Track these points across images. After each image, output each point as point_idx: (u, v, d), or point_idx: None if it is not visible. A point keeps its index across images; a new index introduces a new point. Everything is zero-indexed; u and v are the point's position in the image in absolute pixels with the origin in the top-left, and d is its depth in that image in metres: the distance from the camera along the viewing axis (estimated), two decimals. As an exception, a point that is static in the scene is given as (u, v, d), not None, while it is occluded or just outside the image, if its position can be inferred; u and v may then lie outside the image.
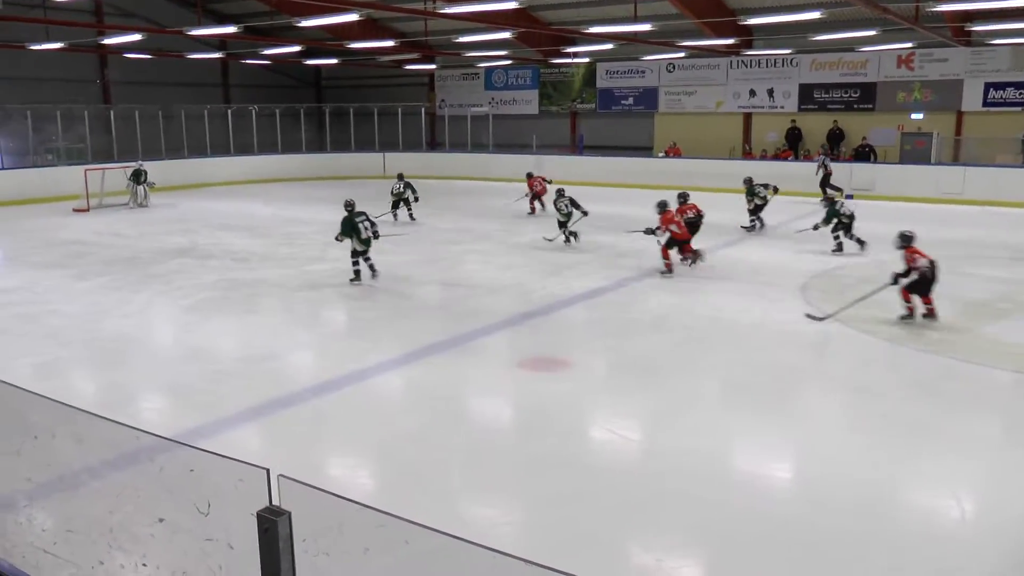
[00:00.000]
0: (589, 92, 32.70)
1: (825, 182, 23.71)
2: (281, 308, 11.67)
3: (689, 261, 13.50)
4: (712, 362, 9.13)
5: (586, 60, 31.82)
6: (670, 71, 30.55)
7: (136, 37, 23.45)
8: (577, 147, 32.69)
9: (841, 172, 24.44)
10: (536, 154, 30.86)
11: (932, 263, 10.51)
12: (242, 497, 2.62)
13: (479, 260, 14.81)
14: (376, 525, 2.43)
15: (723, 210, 20.88)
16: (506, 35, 24.97)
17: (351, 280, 12.75)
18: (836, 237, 15.43)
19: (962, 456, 6.60)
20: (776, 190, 18.22)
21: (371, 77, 37.11)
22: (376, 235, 12.91)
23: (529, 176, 21.66)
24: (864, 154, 26.34)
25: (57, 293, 12.39)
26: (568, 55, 30.45)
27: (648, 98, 31.26)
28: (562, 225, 16.01)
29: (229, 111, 31.62)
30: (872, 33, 22.73)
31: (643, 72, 31.18)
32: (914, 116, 26.46)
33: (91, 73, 30.83)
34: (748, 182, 18.45)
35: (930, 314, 10.53)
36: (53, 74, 28.54)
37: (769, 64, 28.57)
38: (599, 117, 32.65)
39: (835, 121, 27.42)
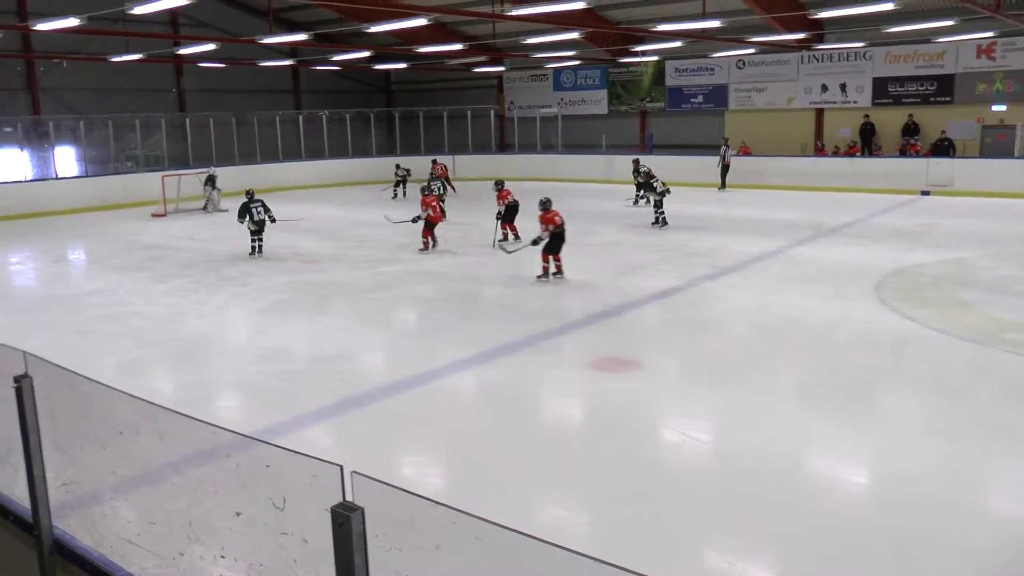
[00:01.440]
0: (658, 91, 32.44)
1: (725, 172, 26.12)
2: (353, 309, 11.83)
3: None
4: (786, 362, 8.98)
5: (655, 58, 31.57)
6: (740, 68, 30.14)
7: (210, 47, 24.01)
8: (646, 146, 32.45)
9: (918, 167, 23.89)
10: (605, 154, 30.76)
11: (562, 224, 12.74)
12: (316, 493, 2.65)
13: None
14: (448, 522, 2.44)
15: (796, 208, 20.57)
16: (574, 35, 24.92)
17: (249, 255, 15.86)
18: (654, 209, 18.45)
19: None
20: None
21: (440, 81, 37.37)
22: (272, 219, 15.96)
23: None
24: (943, 148, 25.58)
25: (138, 295, 12.75)
26: (636, 54, 30.26)
27: (718, 95, 30.89)
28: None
29: (300, 117, 32.19)
30: (950, 23, 22.09)
31: (712, 69, 30.82)
32: (995, 108, 25.60)
33: (167, 83, 31.64)
34: (635, 163, 20.19)
35: (559, 271, 12.91)
36: (132, 84, 29.41)
37: (841, 58, 27.98)
38: (668, 116, 32.37)
39: (910, 115, 26.72)
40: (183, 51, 27.75)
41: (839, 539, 5.18)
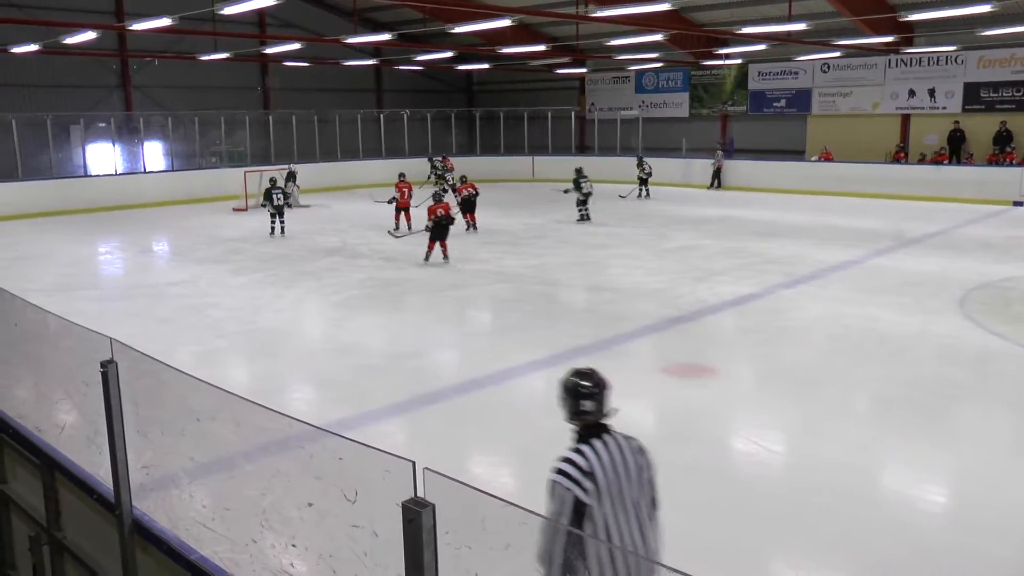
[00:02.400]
0: (740, 94, 31.98)
1: (717, 175, 28.08)
2: (427, 307, 11.91)
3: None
4: (865, 375, 8.75)
5: (738, 61, 31.13)
6: (824, 71, 29.52)
7: (296, 46, 24.45)
8: (727, 150, 32.03)
9: (1010, 176, 23.13)
10: (685, 157, 30.46)
11: (447, 215, 14.62)
12: (388, 487, 2.67)
13: (627, 264, 14.70)
14: (519, 522, 2.43)
15: (879, 216, 20.09)
16: (657, 37, 24.75)
17: (270, 234, 18.18)
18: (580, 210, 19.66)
19: None
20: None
21: (522, 81, 37.43)
22: (290, 205, 18.50)
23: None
24: (1036, 158, 24.70)
25: (217, 287, 13.05)
26: (720, 56, 29.88)
27: (801, 100, 30.31)
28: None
29: (381, 116, 32.58)
30: (1050, 26, 21.30)
31: (796, 73, 30.25)
32: (1097, 116, 24.60)
33: (253, 81, 32.30)
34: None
35: (445, 256, 14.67)
36: (219, 82, 30.10)
37: (931, 62, 27.17)
38: (750, 120, 31.88)
39: (1003, 122, 25.79)
40: (269, 50, 28.30)
41: (913, 560, 5.03)
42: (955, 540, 5.30)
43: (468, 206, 18.83)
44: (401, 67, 33.88)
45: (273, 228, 18.37)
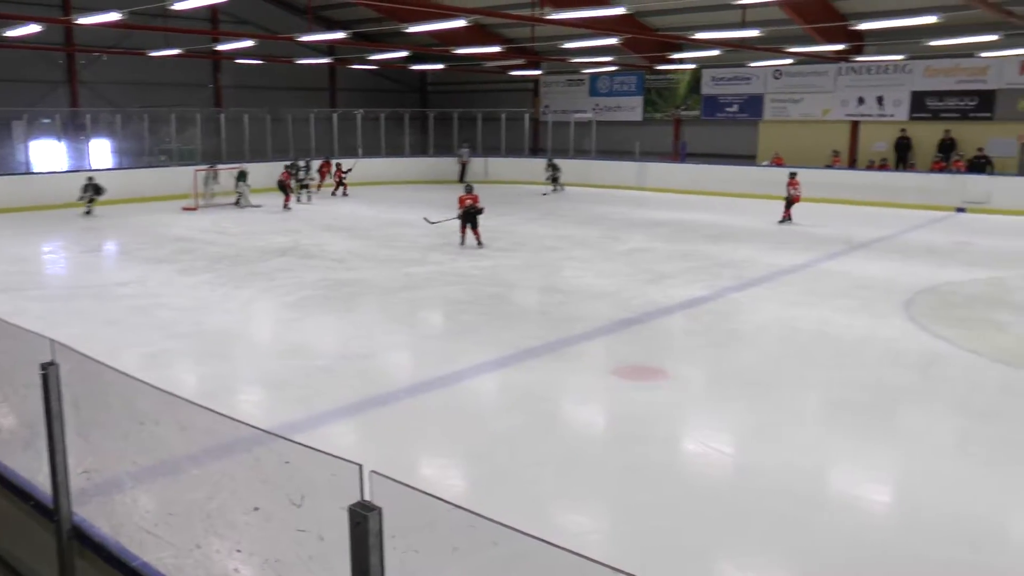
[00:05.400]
0: (694, 99, 32.29)
1: (462, 173, 30.65)
2: (380, 308, 11.84)
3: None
4: (814, 378, 8.87)
5: (692, 66, 31.45)
6: (776, 78, 29.93)
7: (249, 43, 24.22)
8: (679, 154, 32.33)
9: (954, 183, 23.63)
10: (638, 161, 30.67)
11: (473, 204, 16.30)
12: (334, 491, 2.64)
13: (579, 266, 14.76)
14: (466, 525, 2.41)
15: (827, 221, 20.39)
16: (612, 41, 24.88)
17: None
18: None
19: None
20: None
21: (476, 83, 37.43)
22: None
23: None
24: (979, 165, 25.27)
25: (166, 287, 12.84)
26: (674, 61, 30.15)
27: (753, 105, 30.69)
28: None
29: (335, 115, 32.35)
30: (994, 38, 21.81)
31: (749, 79, 30.63)
32: (1036, 125, 25.24)
33: (204, 78, 31.93)
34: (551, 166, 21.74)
35: (479, 242, 16.27)
36: (169, 79, 29.74)
37: (880, 70, 27.67)
38: (703, 124, 32.21)
39: (947, 130, 26.37)
40: (221, 47, 27.99)
41: (860, 561, 5.09)
42: (901, 541, 5.38)
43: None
44: (355, 66, 33.74)
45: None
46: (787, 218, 20.33)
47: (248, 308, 11.83)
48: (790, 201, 20.31)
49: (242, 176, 23.72)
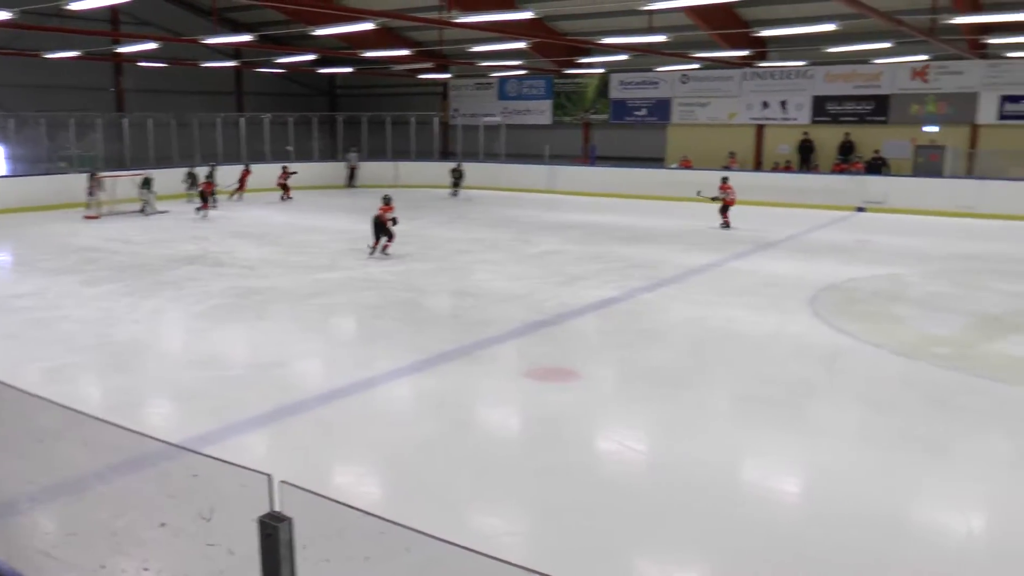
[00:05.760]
0: (602, 103, 32.70)
1: (350, 179, 30.94)
2: (291, 316, 11.67)
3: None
4: (724, 374, 9.07)
5: (600, 71, 31.84)
6: (683, 82, 30.52)
7: (151, 46, 23.62)
8: (589, 158, 32.68)
9: (854, 184, 24.48)
10: (548, 164, 30.91)
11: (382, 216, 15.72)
12: (244, 503, 2.60)
13: (490, 270, 14.80)
14: (378, 532, 2.41)
15: (736, 222, 20.84)
16: (521, 45, 25.01)
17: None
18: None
19: (978, 474, 6.52)
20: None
21: (385, 86, 37.21)
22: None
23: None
24: (876, 166, 26.25)
25: (68, 299, 12.43)
26: (582, 66, 30.46)
27: (661, 109, 31.23)
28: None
29: (242, 119, 31.75)
30: (887, 45, 22.69)
31: (656, 83, 31.16)
32: (927, 129, 26.34)
33: (105, 81, 31.01)
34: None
35: (384, 251, 15.77)
36: (67, 82, 28.77)
37: (783, 76, 28.50)
38: (612, 128, 32.64)
39: (847, 133, 27.35)
40: (123, 49, 27.23)
41: (772, 550, 5.24)
42: (811, 531, 5.55)
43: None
44: (262, 69, 33.23)
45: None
46: (726, 223, 20.53)
47: (156, 319, 11.53)
48: (725, 205, 20.66)
49: (147, 183, 23.08)
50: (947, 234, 19.68)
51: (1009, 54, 24.34)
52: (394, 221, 15.94)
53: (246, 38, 24.70)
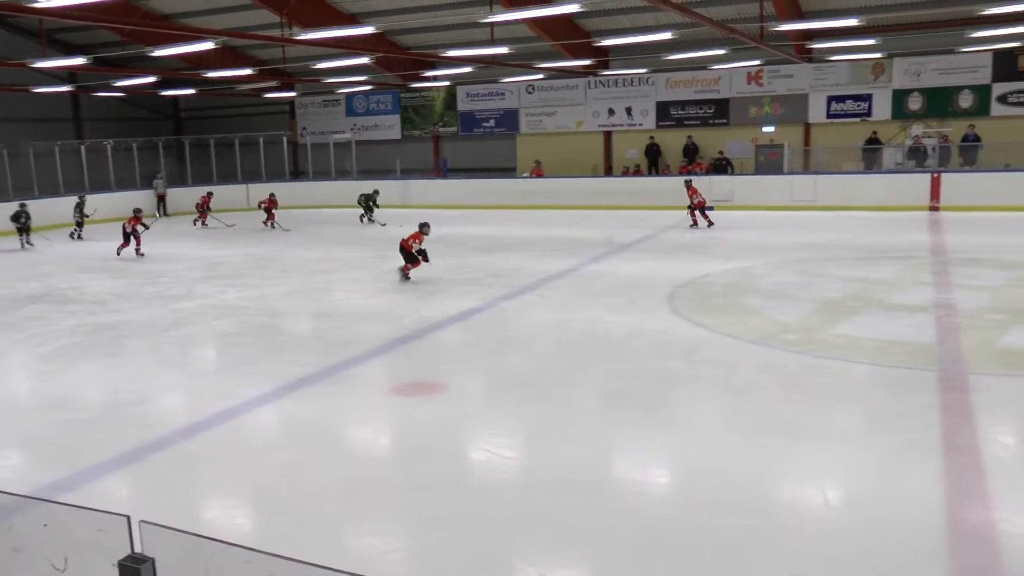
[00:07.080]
0: (451, 115, 32.91)
1: (160, 207, 29.53)
2: (148, 349, 11.23)
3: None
4: (588, 374, 9.27)
5: (446, 84, 32.03)
6: (530, 92, 31.04)
7: (-26, 71, 22.34)
8: (441, 170, 32.81)
9: (701, 184, 25.40)
10: (400, 179, 30.85)
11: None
12: (103, 547, 2.51)
13: (350, 289, 14.66)
14: (243, 562, 2.37)
15: (590, 226, 21.35)
16: (364, 60, 24.90)
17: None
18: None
19: (830, 447, 6.89)
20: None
21: (231, 107, 36.39)
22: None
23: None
24: (722, 167, 27.40)
25: None
26: (428, 79, 30.57)
27: (509, 120, 31.68)
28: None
29: (82, 147, 30.31)
30: (722, 52, 23.74)
31: (503, 94, 31.58)
32: (765, 129, 27.72)
33: (-75, 111, 29.20)
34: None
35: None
36: None
37: (626, 83, 29.39)
38: (462, 140, 32.89)
39: (690, 136, 28.43)
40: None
41: (650, 541, 5.37)
42: (684, 517, 5.73)
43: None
44: (100, 93, 31.90)
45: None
46: (709, 223, 21.06)
47: (-4, 362, 10.90)
48: (697, 208, 21.12)
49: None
50: (789, 227, 20.74)
51: (832, 57, 25.91)
52: (422, 253, 14.78)
53: (79, 61, 23.72)
